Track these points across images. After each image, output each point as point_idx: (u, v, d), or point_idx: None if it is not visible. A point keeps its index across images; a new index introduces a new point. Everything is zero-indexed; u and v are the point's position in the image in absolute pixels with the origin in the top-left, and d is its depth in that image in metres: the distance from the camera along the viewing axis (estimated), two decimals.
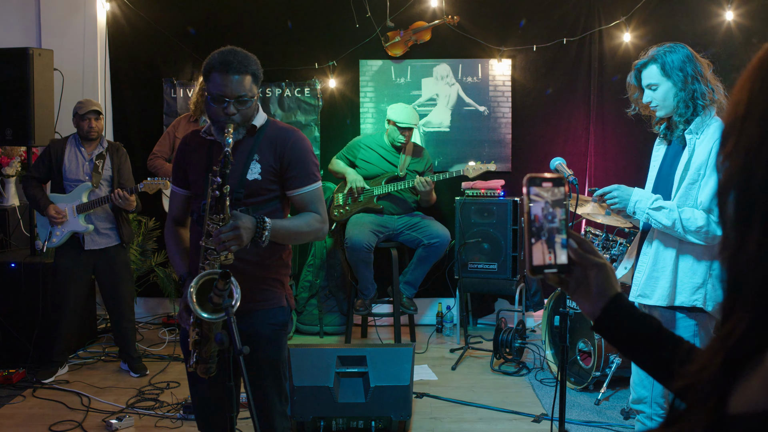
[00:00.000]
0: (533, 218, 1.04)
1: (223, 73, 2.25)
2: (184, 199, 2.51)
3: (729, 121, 0.67)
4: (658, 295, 2.56)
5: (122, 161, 4.47)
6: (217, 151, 2.35)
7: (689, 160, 2.50)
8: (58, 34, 5.51)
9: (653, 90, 2.55)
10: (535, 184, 1.04)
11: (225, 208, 2.17)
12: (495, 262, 5.01)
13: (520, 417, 3.84)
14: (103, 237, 4.40)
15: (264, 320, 2.39)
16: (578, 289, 1.10)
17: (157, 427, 3.73)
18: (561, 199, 1.06)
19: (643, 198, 2.53)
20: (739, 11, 5.28)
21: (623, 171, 5.50)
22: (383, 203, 5.00)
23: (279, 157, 2.36)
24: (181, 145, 2.50)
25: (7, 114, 4.66)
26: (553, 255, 1.05)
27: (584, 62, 5.48)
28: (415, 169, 5.05)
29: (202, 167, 2.37)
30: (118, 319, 4.51)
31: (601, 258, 1.09)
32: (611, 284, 1.09)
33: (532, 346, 4.74)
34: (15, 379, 4.30)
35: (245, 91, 2.27)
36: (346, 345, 4.90)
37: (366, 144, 5.13)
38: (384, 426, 3.51)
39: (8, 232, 5.11)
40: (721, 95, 2.52)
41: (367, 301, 5.03)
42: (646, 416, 2.70)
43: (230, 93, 2.25)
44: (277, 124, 2.46)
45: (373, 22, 5.45)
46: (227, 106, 2.25)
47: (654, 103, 2.57)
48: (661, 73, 2.52)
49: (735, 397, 0.62)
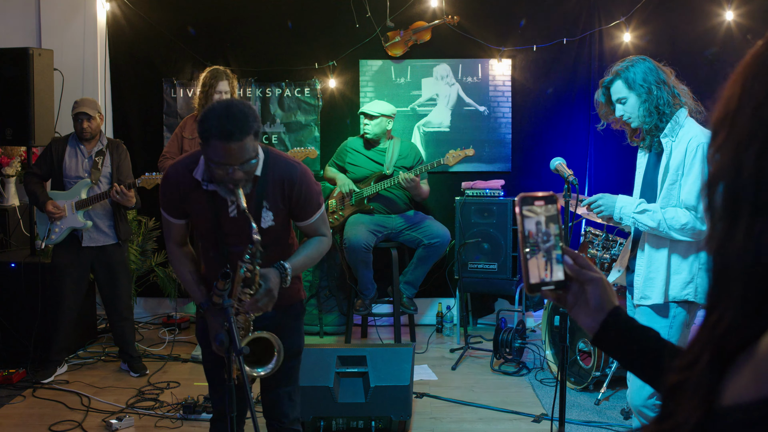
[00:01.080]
0: (527, 235, 1.05)
1: (224, 142, 2.13)
2: (183, 226, 2.47)
3: (720, 116, 0.68)
4: (656, 294, 2.69)
5: (122, 158, 4.47)
6: (220, 202, 2.32)
7: (668, 162, 2.64)
8: (58, 34, 5.51)
9: (623, 103, 2.71)
10: (528, 203, 1.06)
11: (255, 282, 2.26)
12: (495, 262, 5.01)
13: (520, 417, 3.84)
14: (101, 234, 4.40)
15: (286, 315, 2.51)
16: (576, 304, 1.11)
17: (157, 427, 3.73)
18: (554, 216, 1.06)
19: (627, 204, 2.68)
20: (739, 11, 5.28)
21: (623, 171, 5.49)
22: (374, 204, 5.00)
23: (287, 198, 2.38)
24: (173, 182, 2.36)
25: (7, 114, 4.66)
26: (549, 271, 1.07)
27: (584, 62, 5.47)
28: (403, 165, 5.03)
29: (208, 213, 2.35)
30: (116, 318, 4.50)
31: (597, 272, 1.10)
32: (608, 298, 1.10)
33: (532, 346, 4.74)
34: (15, 379, 4.30)
35: (248, 154, 2.19)
36: (346, 345, 4.90)
37: (352, 147, 5.13)
38: (384, 426, 3.51)
39: (8, 232, 5.11)
40: (688, 97, 2.68)
41: (367, 301, 5.03)
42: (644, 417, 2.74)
43: (234, 161, 2.16)
44: (277, 161, 2.38)
45: (373, 22, 5.45)
46: (233, 172, 2.18)
47: (626, 116, 2.72)
48: (625, 86, 2.69)
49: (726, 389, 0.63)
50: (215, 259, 2.41)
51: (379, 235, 4.93)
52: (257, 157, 2.25)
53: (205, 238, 2.44)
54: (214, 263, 2.42)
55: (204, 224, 2.39)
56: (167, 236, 2.49)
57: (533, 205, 1.06)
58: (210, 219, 2.34)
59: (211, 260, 2.44)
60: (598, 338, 1.11)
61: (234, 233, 2.34)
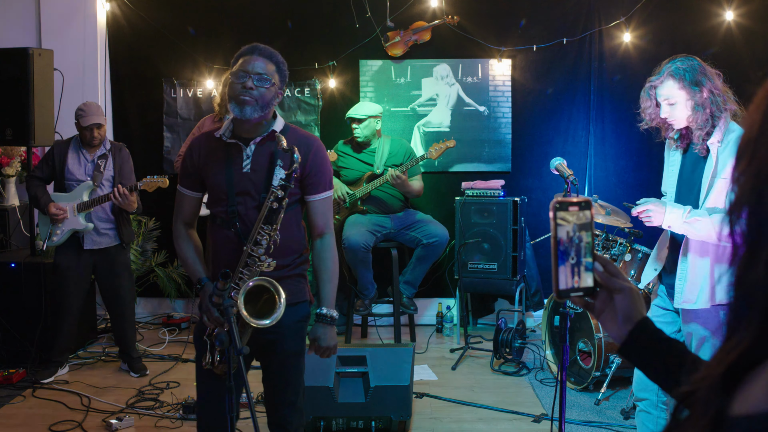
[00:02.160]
0: (559, 241, 1.05)
1: (249, 55, 2.35)
2: (195, 202, 2.49)
3: (744, 140, 0.68)
4: (702, 299, 2.65)
5: (124, 161, 4.47)
6: (235, 153, 2.37)
7: (716, 166, 2.57)
8: (58, 34, 5.51)
9: (672, 105, 2.61)
10: (563, 208, 1.06)
11: (278, 219, 2.28)
12: (495, 262, 5.01)
13: (520, 417, 3.84)
14: (103, 237, 4.40)
15: (291, 314, 2.43)
16: (604, 312, 1.12)
17: (157, 427, 3.73)
18: (587, 223, 1.07)
19: (675, 212, 2.59)
20: (739, 11, 5.29)
21: (623, 171, 5.51)
22: (368, 205, 5.00)
23: (302, 163, 2.39)
24: (193, 147, 2.46)
25: (7, 114, 4.66)
26: (579, 278, 1.07)
27: (584, 62, 5.48)
28: (393, 163, 5.00)
29: (222, 170, 2.38)
30: (118, 319, 4.50)
31: (627, 281, 1.11)
32: (637, 308, 1.10)
33: (532, 346, 4.74)
34: (15, 379, 4.30)
35: (266, 72, 2.33)
36: (346, 345, 4.90)
37: (342, 151, 5.13)
38: (384, 426, 3.51)
39: (8, 232, 5.11)
40: (732, 101, 2.60)
41: (367, 301, 5.03)
42: (652, 404, 2.77)
43: (252, 69, 2.32)
44: (297, 131, 2.49)
45: (373, 22, 5.45)
46: (246, 80, 2.30)
47: (672, 117, 2.63)
48: (678, 87, 2.58)
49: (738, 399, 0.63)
50: (222, 226, 2.38)
51: (378, 235, 4.93)
52: (275, 87, 2.36)
53: (215, 201, 2.42)
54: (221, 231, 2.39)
55: (216, 182, 2.39)
56: (177, 214, 2.52)
57: (567, 211, 1.06)
58: (223, 173, 2.36)
59: (218, 229, 2.40)
60: (625, 348, 1.11)
61: (244, 190, 2.35)
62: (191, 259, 2.46)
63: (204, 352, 2.36)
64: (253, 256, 2.27)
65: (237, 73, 2.33)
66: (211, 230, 2.47)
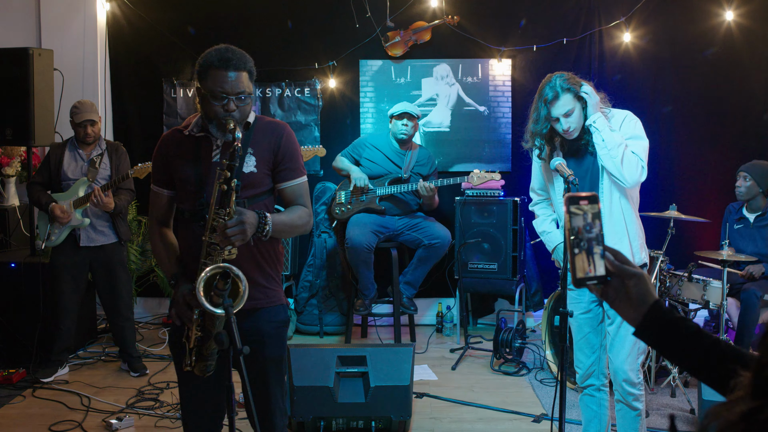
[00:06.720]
0: (577, 231, 1.14)
1: (222, 70, 2.24)
2: (167, 200, 2.46)
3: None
4: None
5: (121, 160, 4.47)
6: (205, 146, 2.34)
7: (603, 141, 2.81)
8: (58, 34, 5.51)
9: (569, 116, 2.83)
10: (574, 202, 1.16)
11: (231, 203, 2.16)
12: (495, 262, 5.00)
13: (520, 417, 3.84)
14: (99, 234, 4.40)
15: (267, 318, 2.39)
16: (617, 298, 1.19)
17: (157, 427, 3.73)
18: (597, 213, 1.16)
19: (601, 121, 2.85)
20: (739, 11, 5.29)
21: None
22: (385, 204, 4.99)
23: (273, 150, 2.37)
24: (161, 144, 2.43)
25: (7, 114, 4.66)
26: (593, 267, 1.15)
27: (584, 62, 5.48)
28: (419, 172, 5.04)
29: (190, 163, 2.34)
30: (115, 317, 4.50)
31: (636, 268, 1.18)
32: (650, 292, 1.18)
33: (532, 346, 4.74)
34: (15, 379, 4.30)
35: (244, 87, 2.26)
36: (346, 345, 4.90)
37: (372, 143, 5.11)
38: (384, 426, 3.51)
39: (8, 232, 5.11)
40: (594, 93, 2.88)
41: (367, 301, 5.02)
42: (595, 388, 2.94)
43: (230, 90, 2.24)
44: (265, 119, 2.46)
45: (373, 22, 5.45)
46: (228, 103, 2.23)
47: (572, 128, 2.85)
48: (573, 98, 2.82)
49: None
50: (191, 219, 2.34)
51: (381, 236, 4.92)
52: (251, 97, 2.31)
53: (184, 198, 2.37)
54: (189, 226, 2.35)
55: (185, 176, 2.34)
56: (151, 214, 2.49)
57: (578, 205, 1.16)
58: (191, 166, 2.32)
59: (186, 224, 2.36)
60: (641, 329, 1.18)
61: (213, 182, 2.27)
62: (163, 256, 2.43)
63: (183, 355, 2.31)
64: (213, 244, 2.20)
65: (215, 93, 2.23)
66: (179, 228, 2.44)
